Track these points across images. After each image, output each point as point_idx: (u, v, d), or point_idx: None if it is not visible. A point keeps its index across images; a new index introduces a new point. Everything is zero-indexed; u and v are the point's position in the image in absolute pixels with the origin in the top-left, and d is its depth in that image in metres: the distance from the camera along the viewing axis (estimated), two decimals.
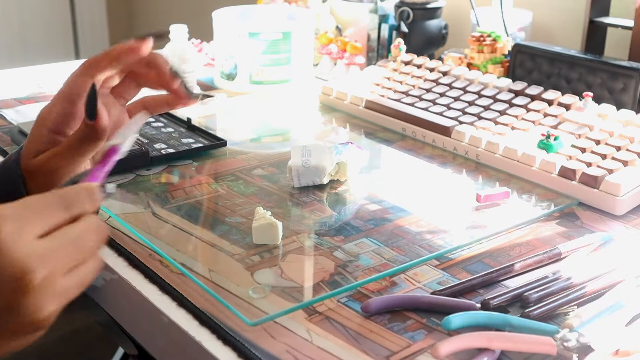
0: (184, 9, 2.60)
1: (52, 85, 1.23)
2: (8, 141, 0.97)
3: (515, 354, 0.56)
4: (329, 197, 0.83)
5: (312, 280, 0.65)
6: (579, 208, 0.81)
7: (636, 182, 0.80)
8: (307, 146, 0.83)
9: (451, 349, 0.54)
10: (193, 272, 0.66)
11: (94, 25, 3.02)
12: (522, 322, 0.58)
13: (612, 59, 1.03)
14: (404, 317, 0.60)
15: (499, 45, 1.16)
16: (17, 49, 2.87)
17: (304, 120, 1.12)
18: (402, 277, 0.66)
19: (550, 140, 0.88)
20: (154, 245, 0.70)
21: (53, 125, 0.61)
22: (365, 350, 0.56)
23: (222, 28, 1.22)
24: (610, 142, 0.87)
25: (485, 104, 1.00)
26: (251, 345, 0.56)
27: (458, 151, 0.95)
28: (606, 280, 0.64)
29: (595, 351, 0.55)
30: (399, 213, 0.79)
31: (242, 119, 1.11)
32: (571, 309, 0.61)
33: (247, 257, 0.69)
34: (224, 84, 1.24)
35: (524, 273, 0.67)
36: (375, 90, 1.11)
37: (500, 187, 0.86)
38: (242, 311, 0.60)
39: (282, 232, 0.72)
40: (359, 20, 1.33)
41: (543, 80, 1.08)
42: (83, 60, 0.62)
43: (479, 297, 0.63)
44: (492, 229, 0.75)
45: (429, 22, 1.30)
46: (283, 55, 1.21)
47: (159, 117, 1.06)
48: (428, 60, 1.14)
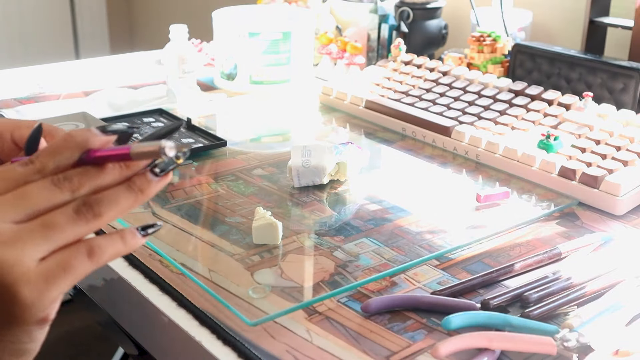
0: (184, 9, 2.60)
1: (52, 85, 1.23)
2: None
3: (515, 354, 0.56)
4: (329, 197, 0.83)
5: (312, 280, 0.65)
6: (579, 208, 0.81)
7: (636, 182, 0.80)
8: (307, 146, 0.83)
9: (451, 349, 0.54)
10: (193, 272, 0.66)
11: (94, 25, 3.02)
12: (522, 322, 0.58)
13: (612, 59, 1.03)
14: (404, 317, 0.60)
15: (499, 45, 1.16)
16: (17, 49, 2.87)
17: (304, 120, 1.12)
18: (402, 277, 0.66)
19: (550, 140, 0.88)
20: (154, 245, 0.70)
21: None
22: (365, 350, 0.56)
23: (222, 28, 1.22)
24: (610, 142, 0.87)
25: (485, 104, 1.00)
26: (251, 345, 0.56)
27: (458, 151, 0.95)
28: (606, 280, 0.64)
29: (595, 351, 0.55)
30: (399, 213, 0.79)
31: (242, 119, 1.11)
32: (571, 309, 0.61)
33: (247, 257, 0.69)
34: (224, 84, 1.24)
35: (524, 273, 0.67)
36: (375, 90, 1.11)
37: (500, 187, 0.86)
38: (242, 311, 0.60)
39: (282, 232, 0.72)
40: (359, 20, 1.33)
41: (543, 80, 1.08)
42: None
43: (479, 297, 0.63)
44: (492, 229, 0.75)
45: (429, 22, 1.30)
46: (283, 55, 1.21)
47: (159, 118, 1.06)
48: (428, 60, 1.14)
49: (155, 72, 1.33)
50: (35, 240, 0.41)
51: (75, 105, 1.12)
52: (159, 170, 0.44)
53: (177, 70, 1.15)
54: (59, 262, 0.41)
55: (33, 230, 0.41)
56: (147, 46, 1.65)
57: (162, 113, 1.08)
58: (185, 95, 1.16)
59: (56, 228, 0.41)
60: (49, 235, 0.41)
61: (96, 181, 0.43)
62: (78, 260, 0.42)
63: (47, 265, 0.41)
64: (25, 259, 0.40)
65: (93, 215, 0.42)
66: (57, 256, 0.42)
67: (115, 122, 0.44)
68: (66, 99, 1.17)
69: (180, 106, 1.13)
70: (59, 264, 0.41)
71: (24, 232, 0.41)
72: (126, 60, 1.43)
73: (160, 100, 1.16)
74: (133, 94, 1.19)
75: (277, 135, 1.07)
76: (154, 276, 0.65)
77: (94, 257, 0.43)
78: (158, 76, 1.30)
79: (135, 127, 0.46)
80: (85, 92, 1.20)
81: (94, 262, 0.43)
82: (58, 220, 0.42)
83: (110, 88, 1.22)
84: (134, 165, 0.44)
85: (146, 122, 1.03)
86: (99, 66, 1.38)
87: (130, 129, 0.46)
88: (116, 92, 1.20)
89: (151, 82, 1.26)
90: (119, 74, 1.32)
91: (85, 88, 1.22)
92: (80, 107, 1.10)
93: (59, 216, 0.42)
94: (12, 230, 0.41)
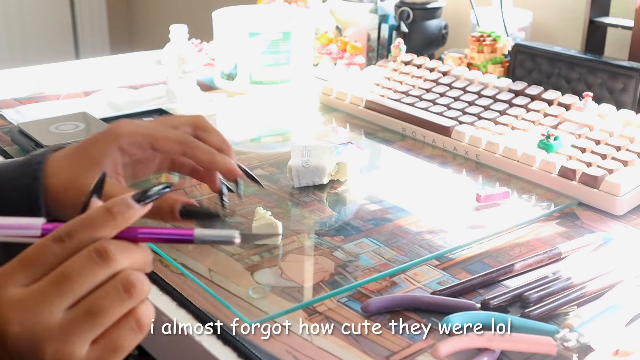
0: (184, 9, 2.60)
1: (52, 85, 1.23)
2: (8, 141, 0.97)
3: (515, 354, 0.56)
4: (329, 197, 0.83)
5: (312, 280, 0.65)
6: (579, 208, 0.81)
7: (636, 182, 0.80)
8: (307, 146, 0.83)
9: (451, 349, 0.54)
10: (193, 272, 0.66)
11: (94, 25, 3.02)
12: (522, 322, 0.58)
13: (612, 59, 1.03)
14: (404, 317, 0.60)
15: (499, 45, 1.16)
16: (17, 49, 2.87)
17: (304, 120, 1.12)
18: (402, 277, 0.66)
19: (550, 140, 0.88)
20: (153, 245, 0.70)
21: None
22: (365, 350, 0.56)
23: (222, 28, 1.22)
24: (610, 142, 0.87)
25: (485, 104, 1.00)
26: (251, 345, 0.56)
27: (458, 151, 0.95)
28: (606, 280, 0.64)
29: (595, 351, 0.55)
30: (399, 213, 0.79)
31: (242, 119, 1.11)
32: (571, 309, 0.61)
33: (247, 257, 0.69)
34: (224, 84, 1.24)
35: (524, 273, 0.67)
36: (375, 90, 1.11)
37: (500, 187, 0.86)
38: (242, 311, 0.60)
39: (282, 232, 0.72)
40: (359, 20, 1.33)
41: (543, 80, 1.08)
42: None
43: (479, 297, 0.63)
44: (492, 229, 0.75)
45: (429, 22, 1.30)
46: (283, 55, 1.21)
47: (159, 117, 1.06)
48: (428, 60, 1.14)
49: (155, 72, 1.33)
50: (84, 331, 0.41)
51: (75, 105, 1.12)
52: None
53: (177, 70, 1.15)
54: (109, 345, 0.42)
55: (82, 321, 0.41)
56: (147, 46, 1.65)
57: (162, 113, 1.08)
58: (185, 95, 1.16)
59: (103, 314, 0.41)
60: (97, 322, 0.41)
61: (134, 257, 0.43)
62: (128, 339, 0.42)
63: (98, 352, 0.42)
64: (78, 350, 0.41)
65: (136, 292, 0.42)
66: (107, 339, 0.42)
67: (151, 188, 0.43)
68: (66, 99, 1.17)
69: (180, 106, 1.13)
70: (110, 346, 0.42)
71: (74, 324, 0.41)
72: (126, 60, 1.43)
73: (160, 100, 1.16)
74: (133, 94, 1.19)
75: (277, 135, 1.07)
76: (154, 276, 0.65)
77: (142, 328, 0.43)
78: (158, 76, 1.30)
79: (169, 186, 0.46)
80: (85, 92, 1.20)
81: (143, 333, 0.43)
82: (104, 305, 0.41)
83: (110, 88, 1.22)
84: None
85: None
86: (99, 66, 1.38)
87: (165, 189, 0.45)
88: (116, 92, 1.20)
89: (151, 82, 1.26)
90: (119, 74, 1.32)
91: (85, 88, 1.22)
92: (80, 107, 1.10)
93: (104, 301, 0.41)
94: (61, 322, 0.41)
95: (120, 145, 0.63)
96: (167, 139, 0.64)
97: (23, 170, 0.61)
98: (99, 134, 0.64)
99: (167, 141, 0.64)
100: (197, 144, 0.65)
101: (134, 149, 0.64)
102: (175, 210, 0.57)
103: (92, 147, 0.63)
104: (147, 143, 0.64)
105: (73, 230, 0.42)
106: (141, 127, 0.64)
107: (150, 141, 0.64)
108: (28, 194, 0.59)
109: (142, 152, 0.64)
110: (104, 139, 0.63)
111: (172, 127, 0.66)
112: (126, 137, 0.63)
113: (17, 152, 0.93)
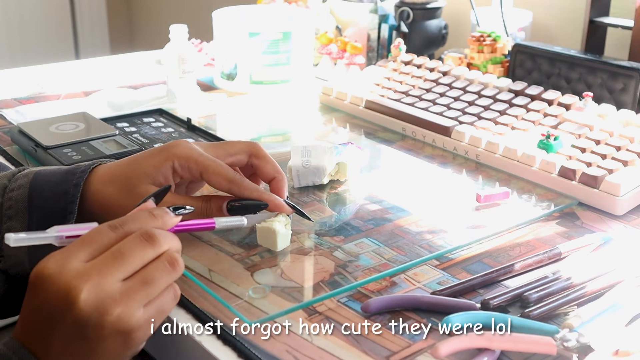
0: (184, 9, 2.60)
1: (52, 85, 1.23)
2: (8, 141, 0.97)
3: (515, 354, 0.56)
4: (329, 197, 0.83)
5: (312, 280, 0.65)
6: (579, 208, 0.81)
7: (636, 182, 0.80)
8: (307, 146, 0.83)
9: (451, 349, 0.54)
10: (193, 272, 0.66)
11: (94, 25, 3.02)
12: (522, 322, 0.58)
13: (612, 59, 1.03)
14: (404, 317, 0.60)
15: (499, 45, 1.16)
16: (17, 49, 2.87)
17: (304, 120, 1.12)
18: (402, 277, 0.66)
19: (550, 140, 0.88)
20: None
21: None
22: (365, 350, 0.56)
23: (222, 28, 1.22)
24: (610, 142, 0.87)
25: (485, 104, 1.00)
26: (251, 345, 0.56)
27: (458, 151, 0.95)
28: (606, 280, 0.64)
29: (595, 351, 0.55)
30: (399, 213, 0.79)
31: (242, 119, 1.11)
32: (571, 309, 0.61)
33: (247, 257, 0.69)
34: (224, 84, 1.24)
35: (524, 273, 0.67)
36: (375, 90, 1.11)
37: (500, 187, 0.86)
38: (242, 311, 0.60)
39: (288, 243, 0.70)
40: (359, 20, 1.33)
41: (543, 80, 1.08)
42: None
43: (479, 297, 0.63)
44: (492, 229, 0.75)
45: (429, 22, 1.30)
46: (283, 55, 1.21)
47: (159, 117, 1.06)
48: (428, 60, 1.14)
49: (155, 72, 1.33)
50: (140, 296, 0.52)
51: (75, 105, 1.12)
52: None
53: (177, 70, 1.15)
54: (157, 308, 0.53)
55: (139, 288, 0.52)
56: (147, 46, 1.65)
57: (162, 113, 1.08)
58: (185, 95, 1.16)
59: (155, 283, 0.53)
60: (150, 289, 0.52)
61: (172, 242, 0.55)
62: (169, 305, 0.54)
63: (150, 313, 0.53)
64: (136, 312, 0.51)
65: (179, 266, 0.54)
66: (155, 303, 0.53)
67: (184, 207, 0.60)
68: (66, 99, 1.17)
69: (180, 106, 1.13)
70: (158, 309, 0.53)
71: (133, 291, 0.51)
72: (126, 60, 1.43)
73: (160, 100, 1.16)
74: (133, 94, 1.19)
75: (277, 135, 1.07)
76: None
77: (178, 297, 0.55)
78: (158, 76, 1.30)
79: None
80: (85, 92, 1.20)
81: (177, 298, 0.55)
82: (156, 276, 0.53)
83: (110, 88, 1.22)
84: None
85: (146, 122, 1.03)
86: (99, 66, 1.38)
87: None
88: (116, 92, 1.20)
89: (151, 82, 1.26)
90: (119, 74, 1.32)
91: (85, 88, 1.22)
92: (80, 107, 1.11)
93: (156, 273, 0.53)
94: (121, 289, 0.51)
95: (174, 166, 0.67)
96: (218, 174, 0.66)
97: (67, 177, 0.66)
98: (156, 150, 0.68)
99: (217, 176, 0.66)
100: (244, 184, 0.67)
101: (185, 173, 0.67)
102: (223, 209, 0.67)
103: (146, 162, 0.67)
104: (198, 171, 0.67)
105: (125, 221, 0.55)
106: (196, 153, 0.67)
107: (201, 170, 0.67)
108: (65, 199, 0.65)
109: (191, 176, 0.68)
110: (159, 156, 0.67)
111: (228, 154, 0.69)
112: (180, 160, 0.67)
113: (17, 152, 0.93)
